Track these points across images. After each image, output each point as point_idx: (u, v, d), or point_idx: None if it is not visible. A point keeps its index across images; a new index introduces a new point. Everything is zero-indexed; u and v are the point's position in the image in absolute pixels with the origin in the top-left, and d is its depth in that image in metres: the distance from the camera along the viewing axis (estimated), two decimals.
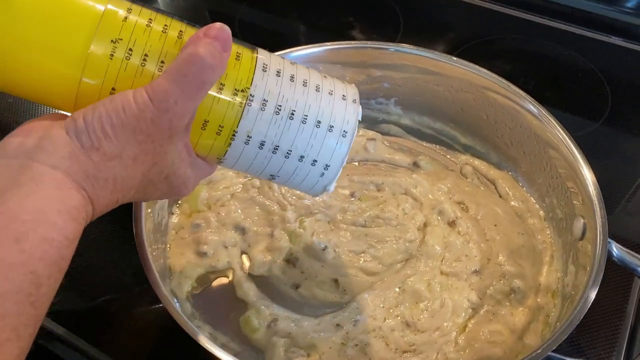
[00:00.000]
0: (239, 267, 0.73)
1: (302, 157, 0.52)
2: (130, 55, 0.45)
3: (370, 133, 0.89)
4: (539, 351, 0.54)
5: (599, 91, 1.01)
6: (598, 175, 0.68)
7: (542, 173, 0.79)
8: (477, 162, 0.86)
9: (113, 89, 0.44)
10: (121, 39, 0.44)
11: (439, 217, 0.77)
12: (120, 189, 0.44)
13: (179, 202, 0.79)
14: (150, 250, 0.64)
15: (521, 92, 0.79)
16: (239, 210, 0.77)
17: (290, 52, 0.81)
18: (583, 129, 0.95)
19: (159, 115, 0.43)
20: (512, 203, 0.81)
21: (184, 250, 0.74)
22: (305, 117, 0.51)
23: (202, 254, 0.74)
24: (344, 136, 0.52)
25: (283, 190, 0.78)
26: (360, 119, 0.54)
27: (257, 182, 0.79)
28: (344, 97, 0.53)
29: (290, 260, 0.73)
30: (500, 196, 0.82)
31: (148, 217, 0.68)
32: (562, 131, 0.73)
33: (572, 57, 1.07)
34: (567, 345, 0.70)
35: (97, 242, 0.79)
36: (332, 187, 0.55)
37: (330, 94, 0.52)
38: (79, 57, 0.44)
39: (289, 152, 0.51)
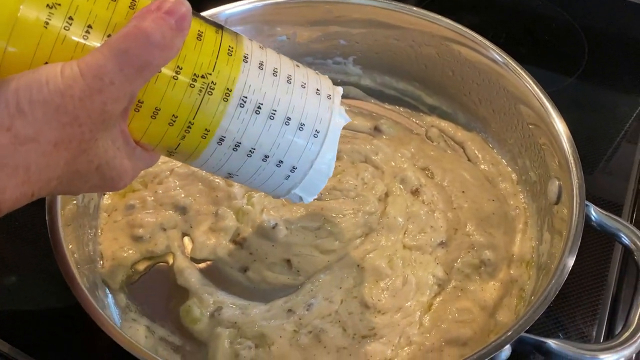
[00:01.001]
0: (180, 251, 0.66)
1: (266, 156, 0.45)
2: (70, 25, 0.37)
3: None
4: (509, 333, 0.48)
5: (575, 44, 0.94)
6: (575, 134, 0.61)
7: (514, 132, 0.72)
8: (443, 124, 0.79)
9: (46, 63, 0.36)
10: (59, 4, 0.36)
11: (401, 186, 0.69)
12: (36, 179, 0.36)
13: None
14: (67, 238, 0.56)
15: (488, 42, 0.71)
16: (179, 188, 0.69)
17: (225, 9, 0.72)
18: (557, 84, 0.88)
19: (90, 95, 0.35)
20: (482, 167, 0.74)
21: (117, 235, 0.66)
22: (274, 112, 0.44)
23: (137, 238, 0.66)
24: (315, 136, 0.46)
25: None
26: (341, 120, 0.48)
27: None
28: (317, 92, 0.46)
29: (238, 241, 0.66)
30: (469, 160, 0.75)
31: (68, 200, 0.60)
32: (532, 83, 0.66)
33: (546, 8, 0.99)
34: (544, 319, 0.64)
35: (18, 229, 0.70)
36: (309, 198, 0.49)
37: (303, 86, 0.45)
38: (5, 20, 0.35)
39: (252, 150, 0.44)
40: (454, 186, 0.70)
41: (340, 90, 0.50)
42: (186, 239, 0.67)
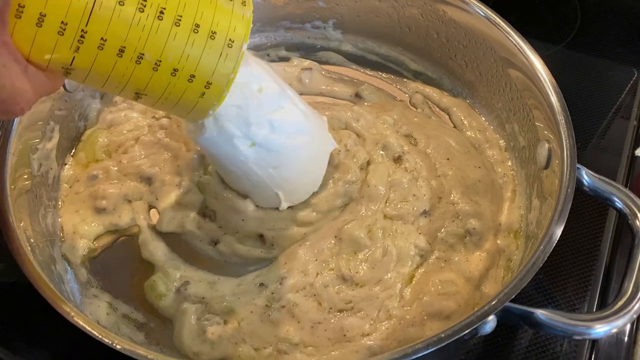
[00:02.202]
0: (146, 224, 0.61)
1: (175, 70, 0.40)
2: None
3: (306, 62, 0.76)
4: (494, 302, 0.44)
5: (568, 12, 0.90)
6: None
7: (502, 95, 0.67)
8: (428, 90, 0.74)
9: None
10: None
11: (383, 153, 0.65)
12: None
13: (73, 150, 0.66)
14: (18, 211, 0.51)
15: (474, 0, 0.66)
16: (144, 157, 0.64)
17: None
18: (541, 51, 0.83)
19: None
20: (468, 133, 0.70)
21: (79, 207, 0.62)
22: (179, 18, 0.39)
23: (100, 210, 0.62)
24: (229, 46, 0.41)
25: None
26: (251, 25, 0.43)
27: (165, 122, 0.66)
28: None
29: (206, 214, 0.61)
30: (454, 126, 0.71)
31: (19, 167, 0.55)
32: (519, 41, 0.62)
33: None
34: (533, 292, 0.61)
35: None
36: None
37: None
38: None
39: (158, 62, 0.39)
40: (438, 153, 0.65)
41: None
42: (153, 211, 0.63)
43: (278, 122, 0.54)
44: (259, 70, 0.53)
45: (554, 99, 0.56)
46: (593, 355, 0.57)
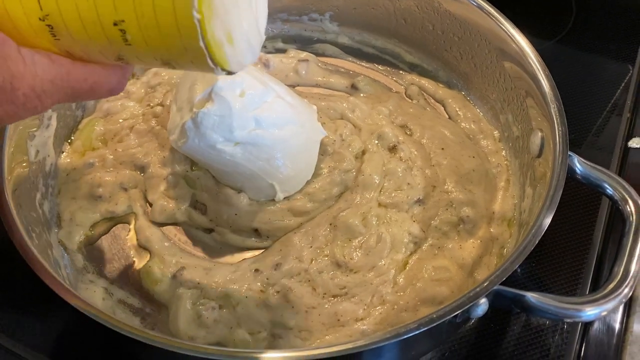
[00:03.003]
0: (142, 211, 0.62)
1: None
2: None
3: (303, 54, 0.77)
4: (485, 284, 0.44)
5: (562, 6, 0.90)
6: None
7: (496, 86, 0.68)
8: (423, 82, 0.75)
9: None
10: None
11: (378, 143, 0.66)
12: None
13: (70, 138, 0.67)
14: (16, 198, 0.52)
15: None
16: (138, 146, 0.65)
17: None
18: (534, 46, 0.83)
19: None
20: (463, 124, 0.70)
21: (76, 194, 0.62)
22: None
23: (96, 198, 0.62)
24: None
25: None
26: None
27: (158, 110, 0.67)
28: None
29: (198, 207, 0.61)
30: (449, 118, 0.71)
31: (17, 154, 0.56)
32: (513, 31, 0.62)
33: None
34: (526, 279, 0.61)
35: None
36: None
37: None
38: None
39: None
40: (433, 143, 0.66)
41: None
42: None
43: (263, 117, 0.55)
44: (238, 74, 0.54)
45: (546, 86, 0.57)
46: (585, 342, 0.57)
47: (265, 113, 0.55)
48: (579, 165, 0.54)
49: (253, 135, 0.55)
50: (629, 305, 0.58)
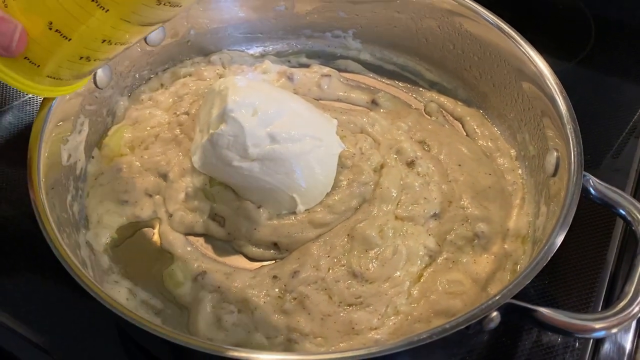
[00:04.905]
0: (166, 217, 0.64)
1: None
2: None
3: (326, 69, 0.79)
4: (497, 297, 0.46)
5: (582, 30, 0.91)
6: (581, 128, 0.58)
7: (514, 106, 0.69)
8: (443, 99, 0.77)
9: None
10: None
11: (397, 157, 0.67)
12: None
13: (100, 144, 0.69)
14: (50, 201, 0.54)
15: (489, 13, 0.69)
16: (162, 154, 0.67)
17: None
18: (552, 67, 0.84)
19: None
20: (480, 142, 0.72)
21: (103, 198, 0.65)
22: None
23: (123, 202, 0.64)
24: None
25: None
26: None
27: (183, 118, 0.69)
28: None
29: (216, 219, 0.63)
30: (467, 135, 0.73)
31: (51, 156, 0.59)
32: (530, 52, 0.64)
33: None
34: (538, 297, 0.62)
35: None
36: None
37: None
38: None
39: None
40: (450, 159, 0.68)
41: None
42: None
43: (278, 132, 0.57)
44: (252, 94, 0.57)
45: (562, 107, 0.58)
46: None
47: (281, 129, 0.58)
48: (594, 185, 0.55)
49: (269, 150, 0.57)
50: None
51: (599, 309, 0.60)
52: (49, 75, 0.46)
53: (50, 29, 0.42)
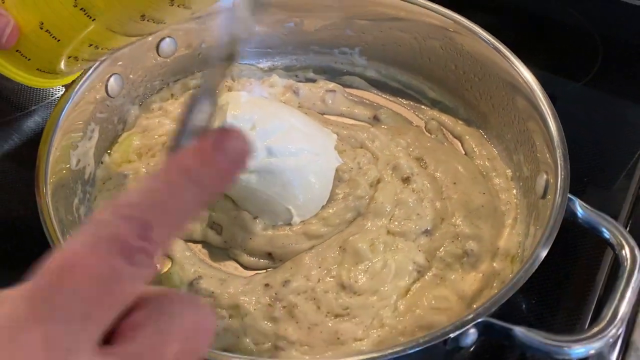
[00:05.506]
0: None
1: None
2: None
3: (331, 85, 0.81)
4: (471, 315, 0.47)
5: (589, 51, 0.92)
6: (580, 143, 0.59)
7: (511, 127, 0.71)
8: (444, 118, 0.78)
9: None
10: None
11: (393, 173, 0.69)
12: None
13: (109, 150, 0.73)
14: (54, 197, 0.57)
15: (487, 35, 0.71)
16: None
17: None
18: (559, 87, 0.84)
19: None
20: (478, 161, 0.73)
21: (110, 202, 0.67)
22: None
23: None
24: None
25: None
26: None
27: None
28: None
29: (214, 227, 0.66)
30: (465, 154, 0.74)
31: (60, 161, 0.62)
32: (524, 72, 0.65)
33: (562, 12, 0.98)
34: (530, 315, 0.63)
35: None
36: None
37: None
38: None
39: None
40: (446, 177, 0.69)
41: None
42: None
43: (275, 146, 0.59)
44: (251, 109, 0.59)
45: (553, 130, 0.59)
46: None
47: (278, 143, 0.60)
48: (580, 209, 0.56)
49: (266, 163, 0.60)
50: (624, 350, 0.59)
51: (585, 327, 0.61)
52: (38, 69, 0.50)
53: (41, 28, 0.45)
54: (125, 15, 0.44)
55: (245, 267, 0.64)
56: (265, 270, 0.63)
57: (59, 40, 0.46)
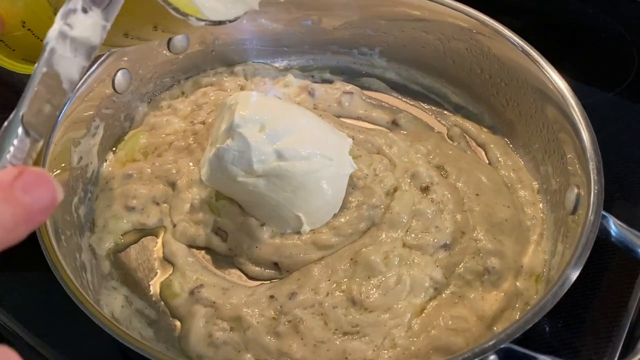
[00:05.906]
0: (172, 226, 0.63)
1: None
2: None
3: (349, 87, 0.78)
4: (493, 341, 0.43)
5: (624, 61, 0.87)
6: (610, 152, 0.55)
7: (539, 136, 0.66)
8: (467, 124, 0.74)
9: None
10: None
11: (411, 181, 0.65)
12: None
13: (115, 148, 0.70)
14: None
15: (518, 39, 0.66)
16: (174, 162, 0.67)
17: None
18: (590, 97, 0.79)
19: None
20: (502, 172, 0.68)
21: (111, 203, 0.65)
22: None
23: (130, 209, 0.64)
24: None
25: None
26: None
27: (198, 127, 0.69)
28: None
29: (219, 233, 0.62)
30: (489, 163, 0.70)
31: (59, 158, 0.59)
32: (559, 83, 0.61)
33: (598, 19, 0.93)
34: (555, 340, 0.58)
35: None
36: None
37: None
38: None
39: None
40: (468, 188, 0.65)
41: None
42: None
43: (285, 150, 0.56)
44: (260, 110, 0.56)
45: (587, 142, 0.55)
46: None
47: (289, 146, 0.56)
48: (615, 227, 0.52)
49: (275, 167, 0.56)
50: None
51: (617, 356, 0.56)
52: (23, 58, 0.49)
53: (24, 27, 0.44)
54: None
55: (250, 277, 0.60)
56: (270, 281, 0.59)
57: (40, 39, 0.45)
